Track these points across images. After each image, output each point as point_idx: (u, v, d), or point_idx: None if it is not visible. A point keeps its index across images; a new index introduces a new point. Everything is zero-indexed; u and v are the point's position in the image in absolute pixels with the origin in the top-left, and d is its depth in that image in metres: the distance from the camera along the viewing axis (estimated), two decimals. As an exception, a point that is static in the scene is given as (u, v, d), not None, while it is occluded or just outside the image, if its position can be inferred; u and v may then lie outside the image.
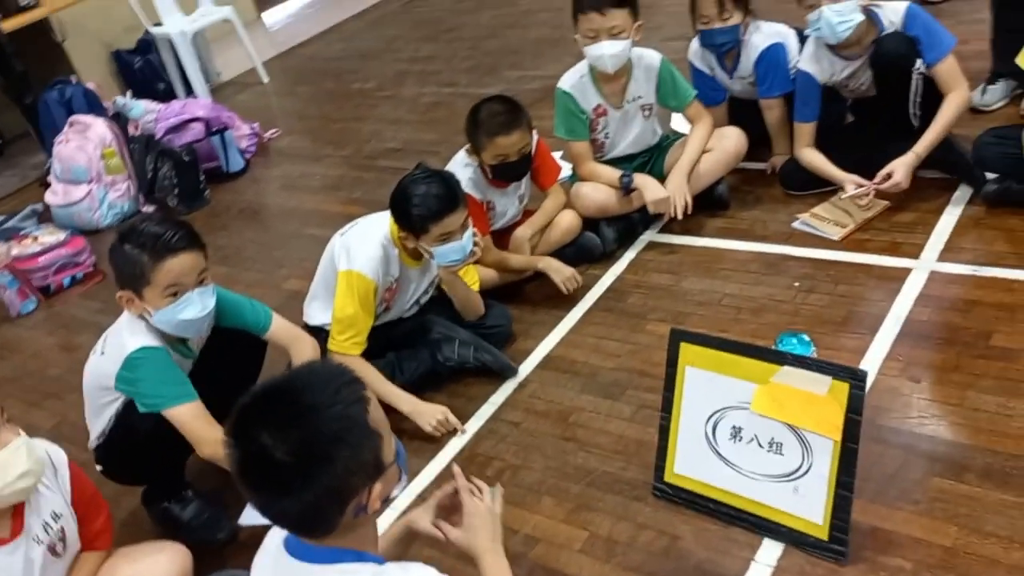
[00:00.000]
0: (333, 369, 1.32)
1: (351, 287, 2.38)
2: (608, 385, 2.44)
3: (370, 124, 4.75)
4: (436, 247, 2.36)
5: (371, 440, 1.26)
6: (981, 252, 2.55)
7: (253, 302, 2.31)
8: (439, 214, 2.30)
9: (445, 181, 2.35)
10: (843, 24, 2.69)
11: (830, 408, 1.76)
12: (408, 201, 2.33)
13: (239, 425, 1.23)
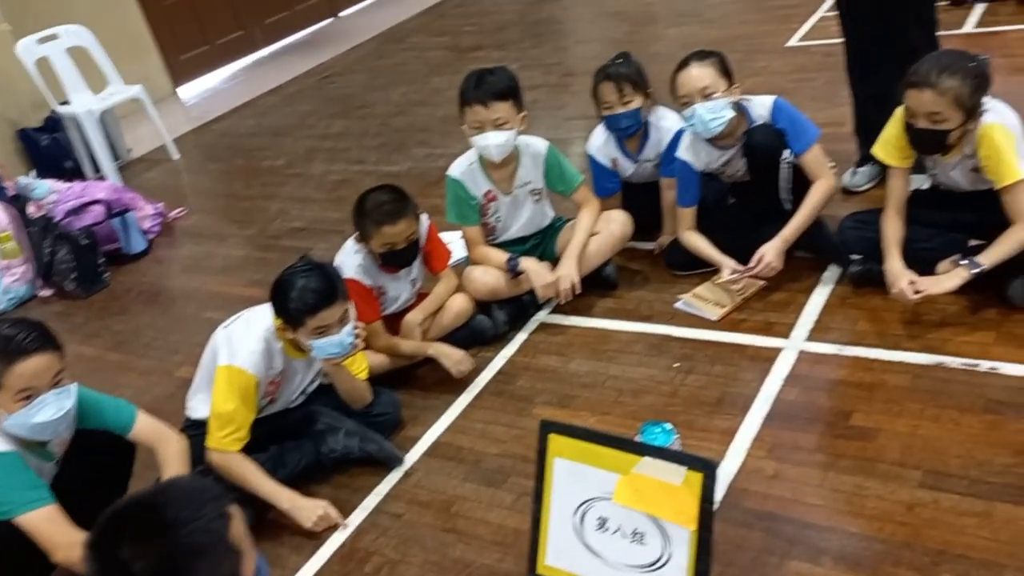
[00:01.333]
0: (198, 484, 1.35)
1: (231, 382, 2.38)
2: (492, 472, 2.47)
3: (277, 202, 4.78)
4: (313, 341, 2.38)
5: (230, 557, 1.29)
6: (845, 332, 2.68)
7: (117, 401, 2.30)
8: (314, 308, 2.33)
9: (324, 275, 2.38)
10: (715, 120, 2.85)
11: (685, 498, 1.82)
12: (285, 294, 2.35)
13: (100, 537, 1.26)
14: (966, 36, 4.68)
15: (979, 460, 2.11)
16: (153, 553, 1.22)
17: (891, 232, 2.68)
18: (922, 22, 3.02)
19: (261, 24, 8.59)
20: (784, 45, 5.24)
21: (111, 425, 2.22)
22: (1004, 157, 2.46)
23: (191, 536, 1.24)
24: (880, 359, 2.53)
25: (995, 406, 2.25)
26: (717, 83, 2.83)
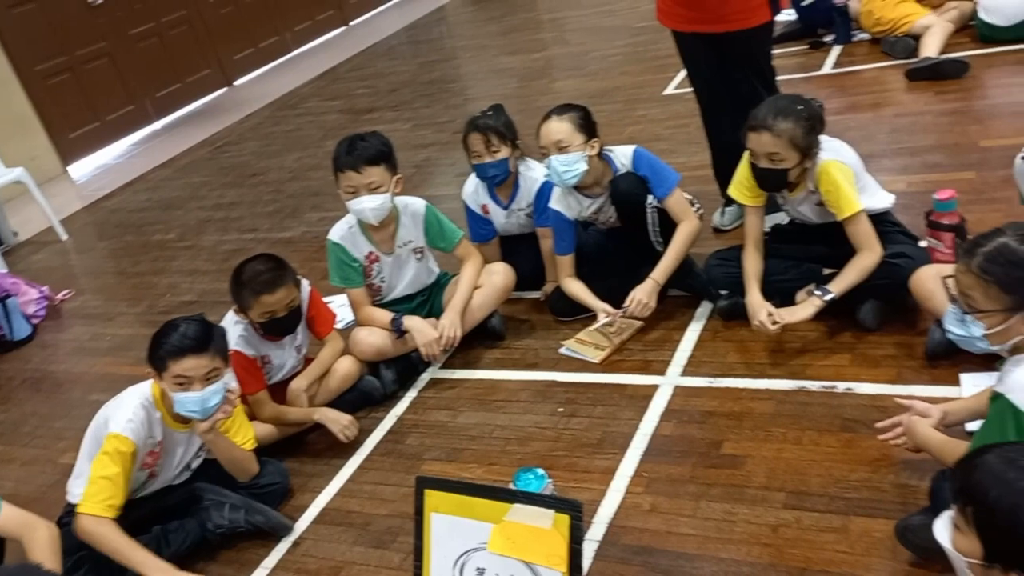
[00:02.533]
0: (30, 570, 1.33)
1: (109, 449, 2.35)
2: (381, 534, 2.48)
3: (167, 277, 4.72)
4: (174, 392, 2.36)
5: None
6: (717, 365, 2.80)
7: None
8: (179, 352, 2.32)
9: (205, 326, 2.39)
10: (568, 173, 2.98)
11: (555, 541, 1.88)
12: (158, 337, 2.37)
13: None
14: (825, 76, 4.99)
15: (837, 477, 2.23)
16: None
17: (750, 267, 2.84)
18: (760, 72, 3.23)
19: (152, 97, 8.53)
20: (661, 93, 5.48)
21: None
22: (842, 192, 2.64)
23: None
24: (748, 388, 2.65)
25: (851, 424, 2.39)
26: (572, 137, 2.96)
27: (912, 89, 4.41)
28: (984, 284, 1.68)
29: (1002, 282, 1.67)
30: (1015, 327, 1.68)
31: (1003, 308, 1.68)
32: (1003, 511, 1.29)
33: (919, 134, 3.91)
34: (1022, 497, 1.28)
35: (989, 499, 1.31)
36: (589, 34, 7.36)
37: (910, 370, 2.52)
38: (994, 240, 1.70)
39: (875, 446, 2.26)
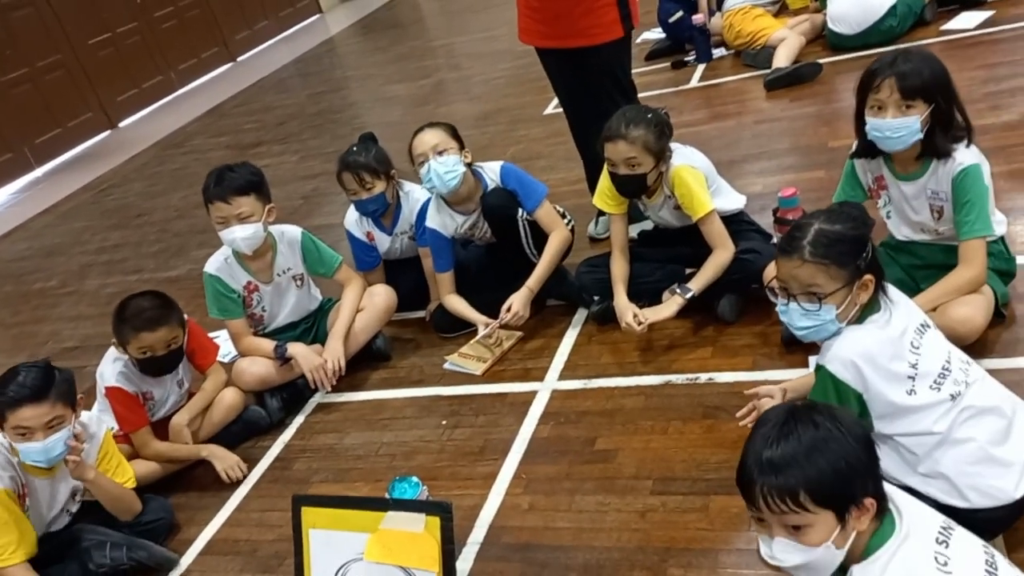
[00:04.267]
0: None
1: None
2: (268, 559, 2.49)
3: (49, 324, 4.61)
4: (17, 443, 2.33)
5: None
6: (591, 367, 2.92)
7: None
8: (14, 403, 2.30)
9: (42, 372, 2.36)
10: (450, 174, 3.06)
11: (428, 543, 1.95)
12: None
13: None
14: (693, 90, 5.23)
15: (699, 461, 2.36)
16: None
17: (617, 271, 2.97)
18: (620, 86, 3.39)
19: (31, 144, 8.29)
20: (542, 114, 5.64)
21: None
22: (694, 194, 2.80)
23: None
24: (620, 386, 2.77)
25: (712, 411, 2.53)
26: (447, 142, 3.07)
27: (770, 97, 4.69)
28: (824, 268, 1.79)
29: (837, 260, 1.79)
30: (855, 297, 1.81)
31: (844, 283, 1.79)
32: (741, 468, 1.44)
33: (775, 138, 4.16)
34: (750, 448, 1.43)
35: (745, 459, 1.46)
36: (474, 59, 7.53)
37: (765, 357, 2.68)
38: (809, 230, 1.83)
39: (734, 429, 2.39)
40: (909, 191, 2.45)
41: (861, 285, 1.79)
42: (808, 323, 1.84)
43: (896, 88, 2.26)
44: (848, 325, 1.84)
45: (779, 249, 1.87)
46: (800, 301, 1.83)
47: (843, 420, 1.40)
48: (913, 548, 1.38)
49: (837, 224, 1.79)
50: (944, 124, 2.30)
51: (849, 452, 1.36)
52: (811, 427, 1.38)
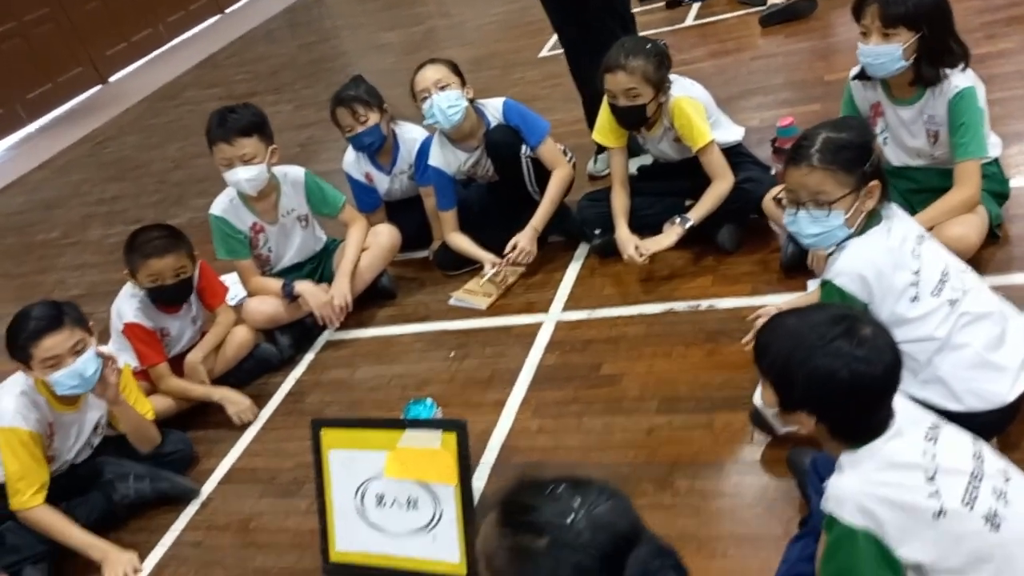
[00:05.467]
0: None
1: (10, 443, 2.37)
2: (287, 484, 2.58)
3: (54, 274, 4.64)
4: (49, 376, 2.37)
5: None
6: (594, 298, 2.98)
7: None
8: (36, 334, 2.33)
9: (50, 305, 2.40)
10: (452, 109, 3.08)
11: (445, 458, 2.02)
12: (11, 330, 2.38)
13: None
14: (689, 28, 5.22)
15: (703, 382, 2.43)
16: None
17: (618, 204, 3.02)
18: (621, 19, 3.40)
19: (22, 100, 8.24)
20: (537, 56, 5.63)
21: None
22: (694, 124, 2.84)
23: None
24: (623, 315, 2.84)
25: (714, 336, 2.60)
26: (449, 77, 3.09)
27: (765, 34, 4.69)
28: (832, 173, 1.84)
29: (844, 166, 1.84)
30: (861, 203, 1.86)
31: (851, 189, 1.85)
32: (780, 357, 1.46)
33: (771, 74, 4.18)
34: (795, 340, 1.44)
35: (771, 350, 1.48)
36: (464, 5, 7.46)
37: (765, 283, 2.74)
38: (816, 138, 1.88)
39: (736, 352, 2.47)
40: (906, 116, 2.49)
41: (867, 191, 1.84)
42: (817, 229, 1.89)
43: (878, 15, 2.32)
44: (851, 238, 1.89)
45: (788, 159, 1.92)
46: (809, 208, 1.88)
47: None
48: (902, 445, 1.45)
49: (843, 132, 1.84)
50: (932, 53, 2.33)
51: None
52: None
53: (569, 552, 1.04)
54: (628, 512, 1.06)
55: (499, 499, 1.12)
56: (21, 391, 2.41)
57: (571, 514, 1.05)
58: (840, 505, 1.42)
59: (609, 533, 1.04)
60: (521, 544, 1.06)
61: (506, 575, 1.08)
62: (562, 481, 1.09)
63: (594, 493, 1.07)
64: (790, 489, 2.01)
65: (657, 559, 1.04)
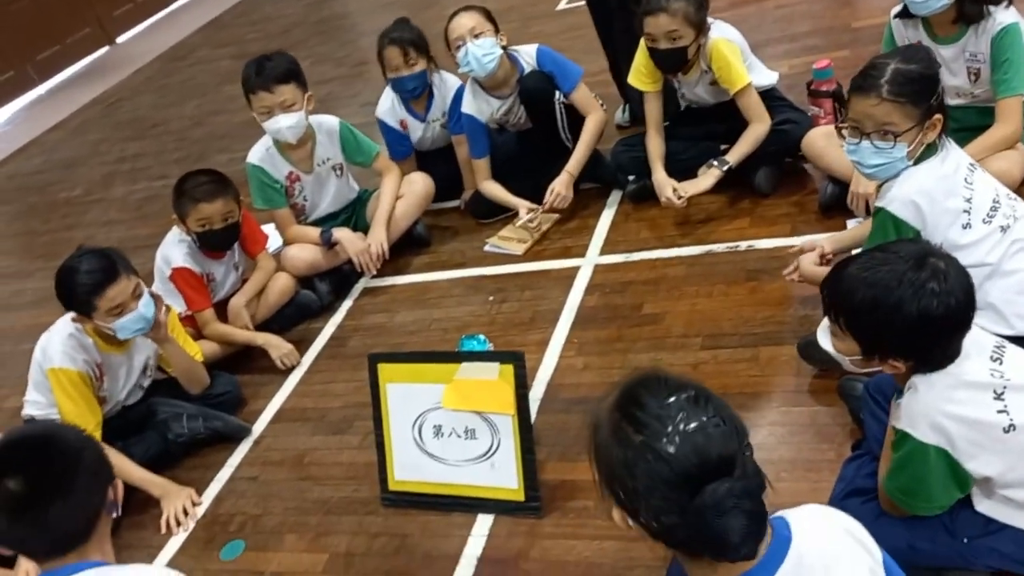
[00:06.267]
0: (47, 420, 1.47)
1: (61, 383, 2.42)
2: (337, 422, 2.63)
3: (81, 230, 4.67)
4: (113, 323, 2.41)
5: (101, 451, 1.48)
6: (631, 242, 3.02)
7: None
8: (100, 287, 2.36)
9: (101, 255, 2.42)
10: (487, 56, 3.10)
11: (502, 389, 2.07)
12: (68, 285, 2.39)
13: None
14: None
15: (745, 318, 2.48)
16: (47, 455, 1.38)
17: (654, 149, 3.04)
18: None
19: (32, 61, 8.21)
20: (555, 9, 5.62)
21: None
22: (732, 66, 2.85)
23: (68, 435, 1.42)
24: (661, 257, 2.88)
25: (755, 274, 2.64)
26: (483, 25, 3.11)
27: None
28: (900, 106, 1.85)
29: (912, 99, 1.85)
30: (923, 136, 1.88)
31: (916, 122, 1.86)
32: (865, 309, 1.47)
33: (797, 21, 4.18)
34: (879, 290, 1.44)
35: (853, 302, 1.48)
36: (477, -40, 7.39)
37: (803, 223, 2.77)
38: (886, 69, 1.88)
39: (778, 288, 2.52)
40: (947, 54, 2.50)
41: (930, 124, 1.86)
42: (879, 160, 1.90)
43: None
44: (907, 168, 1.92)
45: (854, 87, 1.92)
46: (873, 139, 1.89)
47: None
48: (971, 366, 1.49)
49: (912, 63, 1.85)
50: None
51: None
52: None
53: (654, 457, 1.08)
54: (729, 445, 1.08)
55: (625, 383, 1.18)
56: (68, 334, 2.46)
57: (671, 425, 1.09)
58: (913, 423, 1.47)
59: (698, 457, 1.07)
60: (621, 431, 1.13)
61: (601, 448, 1.16)
62: (686, 392, 1.12)
63: (705, 415, 1.10)
64: (838, 415, 2.07)
65: (733, 499, 1.06)
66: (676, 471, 1.06)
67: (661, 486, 1.07)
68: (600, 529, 1.99)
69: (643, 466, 1.09)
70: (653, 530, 1.12)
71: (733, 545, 1.05)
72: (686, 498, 1.06)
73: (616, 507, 1.16)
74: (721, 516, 1.04)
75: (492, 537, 2.07)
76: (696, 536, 1.07)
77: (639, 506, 1.11)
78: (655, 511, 1.09)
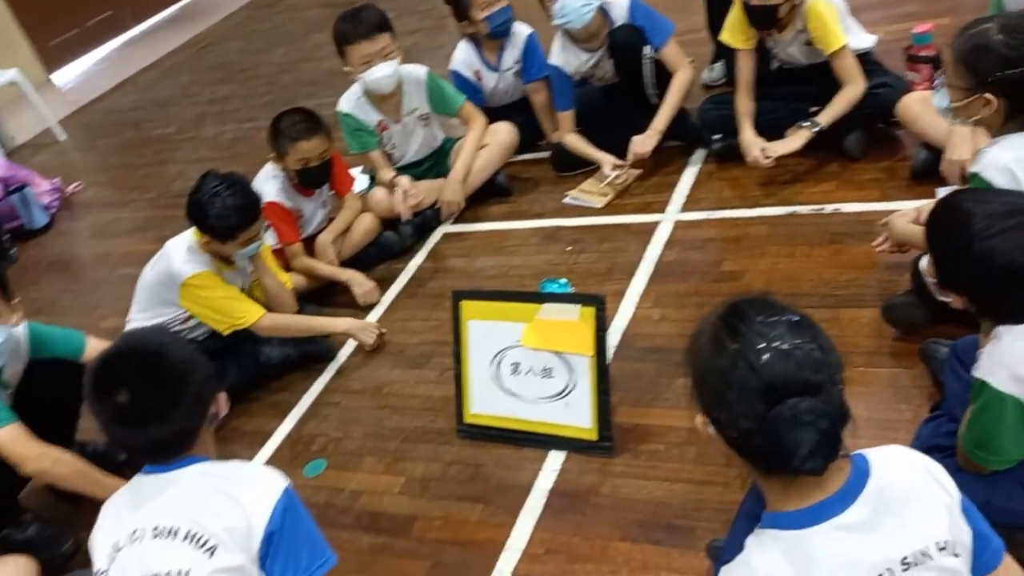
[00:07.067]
0: (156, 325, 1.56)
1: (203, 286, 2.56)
2: (415, 357, 2.72)
3: (174, 166, 4.85)
4: (241, 250, 2.57)
5: (206, 359, 1.55)
6: (713, 200, 3.02)
7: (67, 331, 2.44)
8: (244, 224, 2.53)
9: (242, 190, 2.55)
10: (586, 7, 3.10)
11: (582, 331, 2.12)
12: (211, 216, 2.51)
13: (102, 382, 1.46)
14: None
15: (827, 280, 2.47)
16: (153, 374, 1.45)
17: (743, 107, 3.02)
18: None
19: (131, 2, 8.44)
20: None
21: (63, 353, 2.36)
22: (829, 27, 2.81)
23: (177, 351, 1.48)
24: (743, 216, 2.87)
25: (839, 237, 2.62)
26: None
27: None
28: (955, 61, 1.87)
29: (964, 61, 1.85)
30: (973, 106, 1.87)
31: (964, 86, 1.86)
32: (946, 239, 1.51)
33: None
34: (961, 228, 1.45)
35: (939, 229, 1.54)
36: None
37: (893, 189, 2.74)
38: (980, 25, 1.87)
39: (862, 253, 2.50)
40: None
41: (981, 99, 1.85)
42: (936, 101, 1.95)
43: None
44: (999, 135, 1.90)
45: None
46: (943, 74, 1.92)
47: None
48: None
49: (998, 35, 1.80)
50: None
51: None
52: None
53: (745, 366, 1.13)
54: (820, 372, 1.11)
55: (733, 299, 1.23)
56: (187, 248, 2.59)
57: (767, 341, 1.13)
58: (992, 371, 1.47)
59: (786, 372, 1.11)
60: (719, 336, 1.18)
61: (696, 352, 1.22)
62: (791, 316, 1.16)
63: (802, 338, 1.13)
64: (917, 377, 2.06)
65: (811, 415, 1.09)
66: (762, 381, 1.11)
67: (745, 393, 1.11)
68: (671, 472, 2.04)
69: (731, 371, 1.14)
70: (730, 437, 1.17)
71: (800, 456, 1.09)
72: (766, 407, 1.10)
73: (700, 413, 1.21)
74: (794, 428, 1.08)
75: (563, 472, 2.13)
76: (768, 445, 1.11)
77: (721, 411, 1.16)
78: (735, 416, 1.13)
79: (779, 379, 1.11)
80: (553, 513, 2.04)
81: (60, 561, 2.29)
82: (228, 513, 1.44)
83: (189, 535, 1.45)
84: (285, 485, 1.49)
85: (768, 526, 1.18)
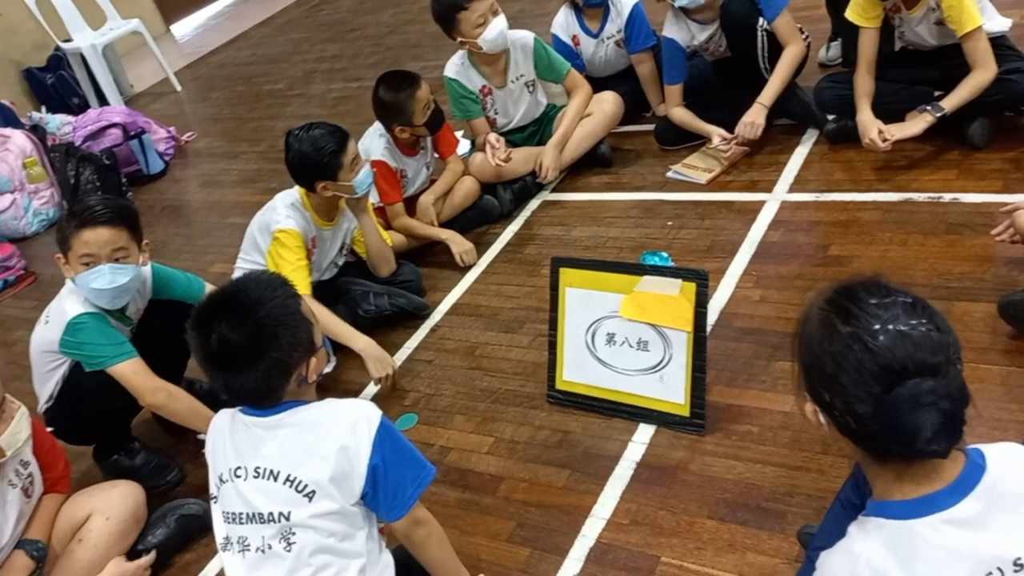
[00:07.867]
0: (269, 276, 1.61)
1: (285, 243, 2.63)
2: (509, 322, 2.75)
3: (282, 121, 4.98)
4: (354, 179, 2.63)
5: (305, 324, 1.57)
6: (823, 182, 2.93)
7: (188, 276, 2.56)
8: (341, 146, 2.59)
9: (320, 124, 2.65)
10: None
11: (682, 305, 2.10)
12: (311, 153, 2.59)
13: (201, 321, 1.52)
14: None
15: (940, 271, 2.38)
16: (247, 325, 1.49)
17: (862, 87, 2.91)
18: None
19: (246, -41, 8.65)
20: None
21: (182, 296, 2.48)
22: (965, 5, 2.66)
23: (274, 309, 1.51)
24: (854, 200, 2.78)
25: (956, 228, 2.52)
26: None
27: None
28: None
29: None
30: None
31: None
32: None
33: (1037, -32, 3.82)
34: None
35: None
36: None
37: (1017, 181, 2.60)
38: None
39: (980, 245, 2.39)
40: None
41: None
42: None
43: None
44: None
45: None
46: None
47: None
48: None
49: None
50: None
51: None
52: None
53: (860, 347, 1.09)
54: (938, 353, 1.08)
55: (842, 282, 1.19)
56: (293, 204, 2.68)
57: (882, 322, 1.10)
58: None
59: (904, 354, 1.07)
60: (830, 320, 1.14)
61: (806, 337, 1.18)
62: (905, 296, 1.13)
63: (919, 319, 1.10)
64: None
65: (933, 396, 1.06)
66: (879, 362, 1.08)
67: (861, 376, 1.09)
68: (763, 454, 2.01)
69: (846, 354, 1.11)
70: (844, 423, 1.14)
71: (924, 439, 1.06)
72: (884, 389, 1.07)
73: (809, 401, 1.18)
74: (916, 410, 1.05)
75: (652, 445, 2.13)
76: (887, 429, 1.08)
77: (835, 396, 1.13)
78: (850, 400, 1.10)
79: (897, 360, 1.08)
80: (640, 485, 2.04)
81: (164, 489, 2.41)
82: (328, 460, 1.50)
83: (289, 479, 1.51)
84: (379, 418, 1.55)
85: (873, 514, 1.16)
